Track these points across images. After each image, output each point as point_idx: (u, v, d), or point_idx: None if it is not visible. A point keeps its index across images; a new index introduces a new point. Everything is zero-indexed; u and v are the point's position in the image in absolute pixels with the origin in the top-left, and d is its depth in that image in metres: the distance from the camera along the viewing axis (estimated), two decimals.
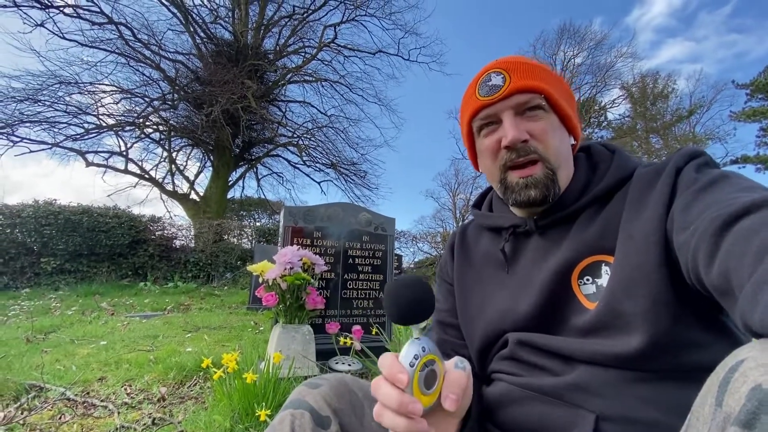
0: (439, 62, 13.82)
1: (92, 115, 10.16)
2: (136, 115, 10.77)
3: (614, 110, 19.39)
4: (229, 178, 12.61)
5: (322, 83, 13.23)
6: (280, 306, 2.20)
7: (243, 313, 4.92)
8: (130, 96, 10.74)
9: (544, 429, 0.52)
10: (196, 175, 13.04)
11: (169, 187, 11.90)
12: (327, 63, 13.28)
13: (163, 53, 10.78)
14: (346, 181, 13.76)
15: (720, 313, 0.48)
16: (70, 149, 10.07)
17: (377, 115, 24.43)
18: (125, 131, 10.78)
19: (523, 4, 32.41)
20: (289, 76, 13.00)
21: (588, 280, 0.56)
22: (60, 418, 1.57)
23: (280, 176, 14.29)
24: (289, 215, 2.81)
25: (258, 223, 11.92)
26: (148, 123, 11.09)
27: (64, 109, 9.65)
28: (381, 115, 24.67)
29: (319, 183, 14.01)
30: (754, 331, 0.30)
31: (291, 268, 2.17)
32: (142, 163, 11.61)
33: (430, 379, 0.41)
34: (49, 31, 9.10)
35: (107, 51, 9.94)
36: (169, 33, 11.09)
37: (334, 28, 12.66)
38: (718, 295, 0.38)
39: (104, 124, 10.40)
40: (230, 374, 1.56)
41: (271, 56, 12.57)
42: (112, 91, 10.49)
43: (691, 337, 0.47)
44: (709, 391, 0.29)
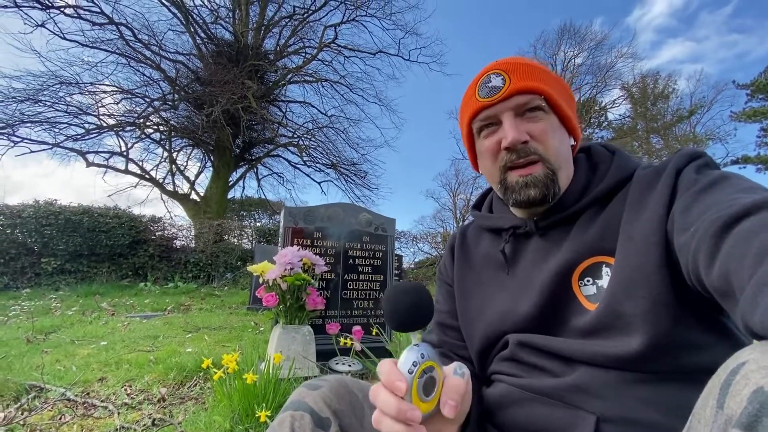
0: (440, 62, 13.86)
1: (93, 115, 10.19)
2: (136, 115, 10.78)
3: (615, 110, 19.36)
4: (230, 179, 12.62)
5: (323, 83, 13.25)
6: (281, 306, 2.20)
7: (243, 314, 4.92)
8: (130, 96, 10.76)
9: (545, 430, 0.52)
10: (197, 176, 13.07)
11: (170, 188, 11.92)
12: (327, 63, 13.32)
13: (164, 53, 10.80)
14: (346, 181, 13.79)
15: (720, 315, 0.48)
16: (71, 149, 10.09)
17: (377, 116, 24.45)
18: (126, 131, 10.80)
19: (523, 5, 32.45)
20: (289, 76, 13.01)
21: (588, 281, 0.56)
22: (60, 419, 1.57)
23: (281, 176, 14.32)
24: (290, 216, 2.81)
25: (258, 224, 11.96)
26: (148, 123, 11.11)
27: (65, 110, 9.68)
28: (381, 116, 24.65)
29: (320, 183, 14.04)
30: (755, 333, 0.30)
31: (291, 269, 2.17)
32: (143, 164, 11.65)
33: (429, 385, 0.41)
34: (50, 31, 9.14)
35: (108, 51, 9.97)
36: (170, 33, 11.14)
37: (335, 29, 12.67)
38: (719, 296, 0.38)
39: (105, 125, 10.42)
40: (230, 375, 1.56)
41: (272, 56, 12.58)
42: (113, 91, 10.52)
43: (691, 339, 0.47)
44: (711, 393, 0.29)
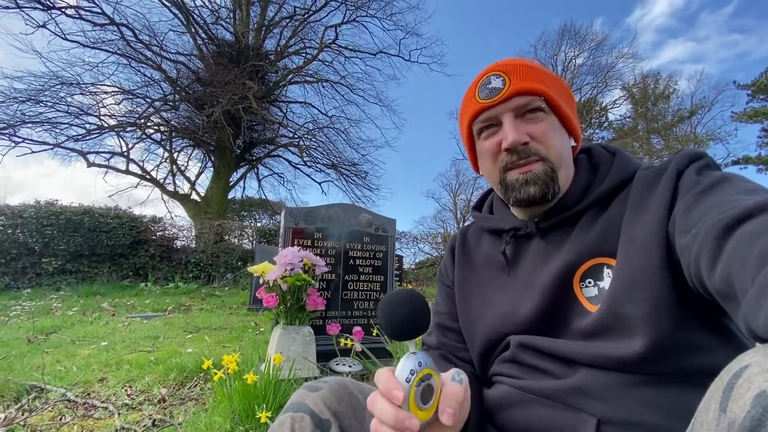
0: (440, 63, 13.86)
1: (94, 115, 10.20)
2: (137, 115, 10.80)
3: (615, 111, 19.33)
4: (230, 179, 12.63)
5: (323, 84, 13.26)
6: (281, 307, 2.20)
7: (244, 314, 4.92)
8: (131, 97, 10.78)
9: None
10: (197, 176, 13.08)
11: (170, 188, 11.93)
12: (328, 64, 13.32)
13: (165, 54, 10.81)
14: (346, 181, 13.80)
15: (723, 317, 0.48)
16: (72, 150, 10.10)
17: (378, 116, 24.41)
18: (126, 132, 10.81)
19: (524, 5, 32.44)
20: (290, 76, 13.03)
21: (590, 283, 0.56)
22: (60, 419, 1.57)
23: (281, 177, 14.33)
24: (290, 216, 2.81)
25: (259, 224, 11.98)
26: (149, 124, 11.12)
27: (66, 110, 9.69)
28: (382, 116, 24.61)
29: (320, 183, 14.05)
30: (758, 336, 0.30)
31: (292, 269, 2.17)
32: (144, 164, 11.66)
33: (427, 394, 0.41)
34: (51, 32, 9.15)
35: (109, 52, 9.99)
36: (171, 34, 11.16)
37: (335, 29, 12.68)
38: (721, 298, 0.38)
39: (106, 125, 10.43)
40: (231, 375, 1.56)
41: (272, 57, 12.59)
42: (114, 91, 10.53)
43: (693, 341, 0.47)
44: (713, 397, 0.29)
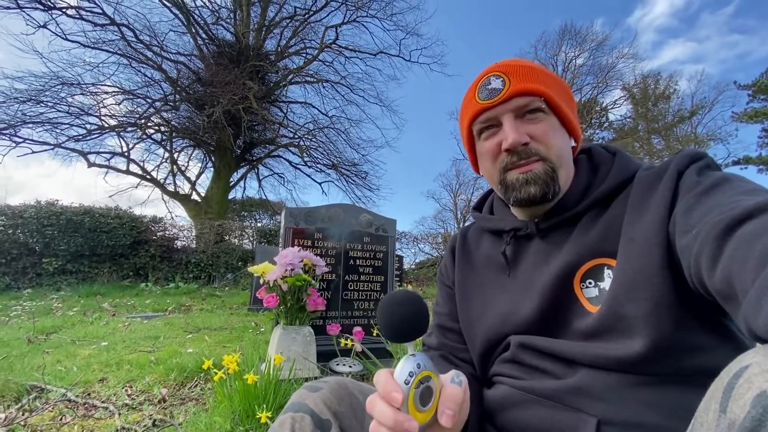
0: (441, 63, 13.87)
1: (94, 116, 10.21)
2: (138, 116, 10.81)
3: (616, 111, 19.32)
4: (231, 179, 12.63)
5: (324, 84, 13.27)
6: (281, 307, 2.20)
7: (244, 314, 4.92)
8: (132, 97, 10.79)
9: None
10: (198, 176, 13.10)
11: (171, 188, 11.94)
12: (328, 64, 13.33)
13: (165, 54, 10.83)
14: (347, 181, 13.80)
15: (723, 317, 0.48)
16: (73, 150, 10.12)
17: (378, 116, 24.42)
18: (127, 132, 10.83)
19: (524, 5, 32.45)
20: (290, 77, 13.04)
21: (590, 284, 0.56)
22: (61, 419, 1.57)
23: (282, 177, 14.35)
24: (290, 216, 2.81)
25: (259, 224, 11.97)
26: (149, 124, 11.14)
27: (67, 110, 9.70)
28: (382, 116, 24.66)
29: (320, 184, 14.06)
30: (758, 336, 0.30)
31: (292, 270, 2.17)
32: (144, 164, 11.68)
33: (426, 396, 0.41)
34: (52, 32, 9.17)
35: (109, 52, 10.00)
36: (171, 34, 11.18)
37: (336, 29, 12.69)
38: (722, 299, 0.38)
39: (106, 125, 10.45)
40: (231, 376, 1.56)
41: (273, 57, 12.59)
42: (114, 92, 10.55)
43: (693, 341, 0.47)
44: (713, 397, 0.29)
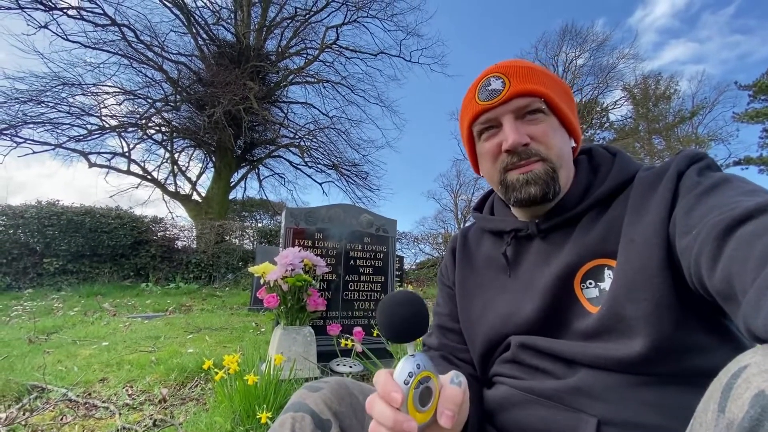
0: (441, 63, 13.88)
1: (95, 116, 10.23)
2: (138, 116, 10.83)
3: (616, 111, 19.28)
4: (231, 179, 12.64)
5: (324, 84, 13.28)
6: (282, 307, 2.20)
7: (244, 315, 4.92)
8: (132, 97, 10.80)
9: None
10: (198, 176, 13.12)
11: (171, 188, 11.95)
12: (329, 64, 13.35)
13: (166, 55, 10.84)
14: (347, 182, 13.81)
15: (723, 317, 0.48)
16: (73, 150, 10.13)
17: (379, 116, 24.48)
18: (128, 132, 10.84)
19: (525, 6, 32.43)
20: (291, 77, 13.04)
21: (591, 284, 0.56)
22: (61, 419, 1.57)
23: (282, 177, 14.36)
24: (291, 216, 2.81)
25: (260, 224, 11.96)
26: (150, 124, 11.15)
27: (68, 111, 9.71)
28: (383, 116, 24.74)
29: (321, 184, 14.06)
30: (757, 337, 0.30)
31: (292, 270, 2.17)
32: (145, 164, 11.70)
33: (425, 396, 0.41)
34: (53, 32, 9.18)
35: (110, 52, 10.02)
36: (172, 34, 11.19)
37: (336, 30, 12.70)
38: (721, 299, 0.38)
39: (107, 126, 10.46)
40: (231, 376, 1.56)
41: (273, 58, 12.61)
42: (115, 92, 10.56)
43: (693, 341, 0.47)
44: (712, 397, 0.29)
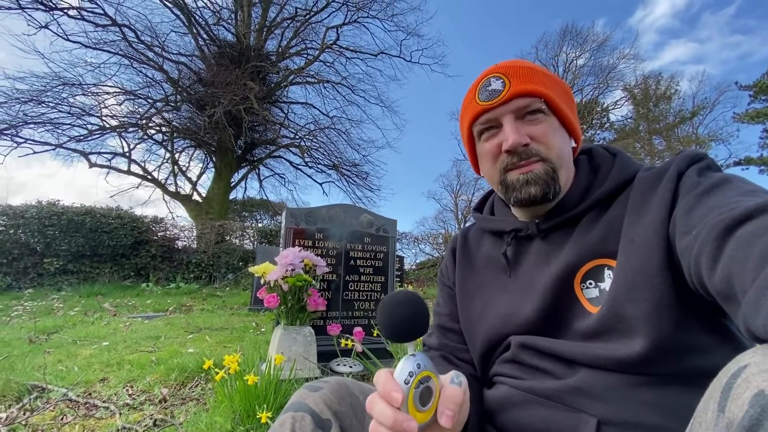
0: (441, 64, 13.89)
1: (96, 116, 10.23)
2: (139, 116, 10.83)
3: (617, 112, 19.24)
4: (232, 179, 12.65)
5: (325, 85, 13.29)
6: (282, 307, 2.20)
7: (245, 315, 4.92)
8: (133, 97, 10.81)
9: None
10: (199, 176, 13.12)
11: (172, 188, 11.96)
12: (329, 64, 13.36)
13: (166, 55, 10.85)
14: (347, 182, 13.81)
15: (723, 317, 0.48)
16: (74, 150, 10.14)
17: (379, 117, 24.56)
18: (128, 132, 10.84)
19: (525, 6, 32.41)
20: (291, 77, 13.05)
21: (591, 284, 0.56)
22: (62, 419, 1.57)
23: (282, 177, 14.36)
24: (291, 216, 2.81)
25: (260, 225, 11.98)
26: (151, 124, 11.15)
27: (68, 111, 9.72)
28: (383, 117, 24.77)
29: (321, 184, 14.07)
30: (756, 336, 0.30)
31: (292, 270, 2.18)
32: (145, 164, 11.70)
33: (426, 396, 0.41)
34: (54, 32, 9.20)
35: (111, 53, 10.03)
36: (172, 35, 11.21)
37: (337, 30, 12.71)
38: (721, 299, 0.38)
39: (107, 126, 10.47)
40: (232, 376, 1.56)
41: (274, 58, 12.61)
42: (116, 92, 10.57)
43: (693, 341, 0.47)
44: (712, 397, 0.29)
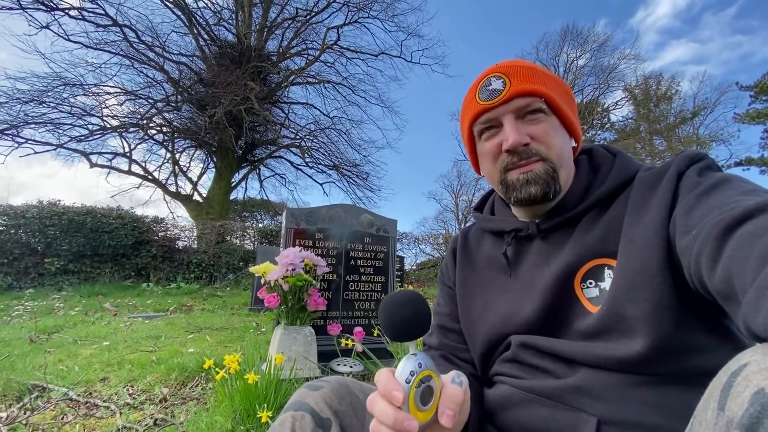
0: (442, 64, 13.91)
1: (96, 116, 10.24)
2: (139, 116, 10.84)
3: (617, 112, 19.19)
4: (232, 180, 12.66)
5: (325, 85, 13.30)
6: (282, 307, 2.20)
7: (245, 314, 4.92)
8: (134, 98, 10.82)
9: None
10: (199, 177, 13.13)
11: (173, 188, 11.97)
12: (330, 65, 13.37)
13: (167, 55, 10.87)
14: (348, 182, 13.82)
15: (723, 317, 0.48)
16: (75, 150, 10.15)
17: (380, 117, 24.59)
18: (129, 132, 10.85)
19: (526, 6, 32.43)
20: (292, 77, 13.06)
21: (591, 284, 0.56)
22: (62, 419, 1.57)
23: (283, 177, 14.38)
24: (291, 216, 2.81)
25: (260, 225, 11.96)
26: (151, 124, 11.17)
27: (69, 111, 9.73)
28: (383, 117, 24.80)
29: (322, 184, 14.08)
30: (756, 336, 0.30)
31: (293, 270, 2.18)
32: (146, 165, 11.71)
33: (427, 395, 0.41)
34: (55, 33, 9.21)
35: (112, 53, 10.04)
36: (173, 35, 11.23)
37: (337, 30, 12.72)
38: (721, 299, 0.38)
39: (108, 126, 10.47)
40: (232, 375, 1.56)
41: (274, 58, 12.62)
42: (117, 92, 10.58)
43: (693, 341, 0.47)
44: (712, 396, 0.29)
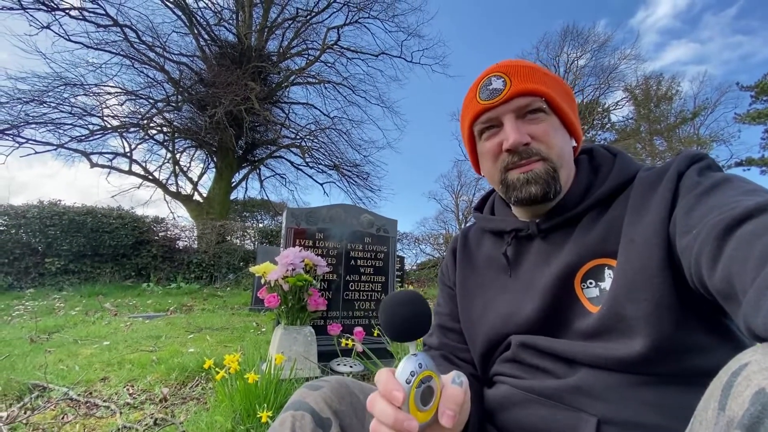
0: (442, 64, 13.91)
1: (97, 116, 10.25)
2: (140, 116, 10.85)
3: (618, 112, 19.16)
4: (233, 180, 12.66)
5: (325, 85, 13.31)
6: (282, 307, 2.20)
7: (245, 314, 4.92)
8: (134, 98, 10.83)
9: None
10: (200, 177, 13.14)
11: (173, 188, 11.98)
12: (330, 65, 13.38)
13: (168, 55, 10.88)
14: (348, 182, 13.83)
15: (723, 317, 0.48)
16: (75, 150, 10.16)
17: (380, 117, 24.62)
18: (129, 133, 10.86)
19: (526, 6, 32.41)
20: (292, 77, 13.07)
21: (591, 284, 0.56)
22: (63, 418, 1.57)
23: (283, 177, 14.39)
24: (292, 216, 2.81)
25: (261, 225, 11.96)
26: (152, 124, 11.17)
27: (70, 111, 9.74)
28: (384, 117, 24.75)
29: (322, 184, 14.08)
30: (757, 335, 0.30)
31: (293, 270, 2.18)
32: (146, 165, 11.72)
33: (427, 395, 0.41)
34: (55, 33, 9.21)
35: (112, 53, 10.05)
36: (174, 35, 11.24)
37: (338, 31, 12.72)
38: (722, 299, 0.38)
39: (109, 126, 10.48)
40: (232, 375, 1.56)
41: (275, 58, 12.63)
42: (117, 92, 10.58)
43: (694, 341, 0.47)
44: (712, 395, 0.29)
